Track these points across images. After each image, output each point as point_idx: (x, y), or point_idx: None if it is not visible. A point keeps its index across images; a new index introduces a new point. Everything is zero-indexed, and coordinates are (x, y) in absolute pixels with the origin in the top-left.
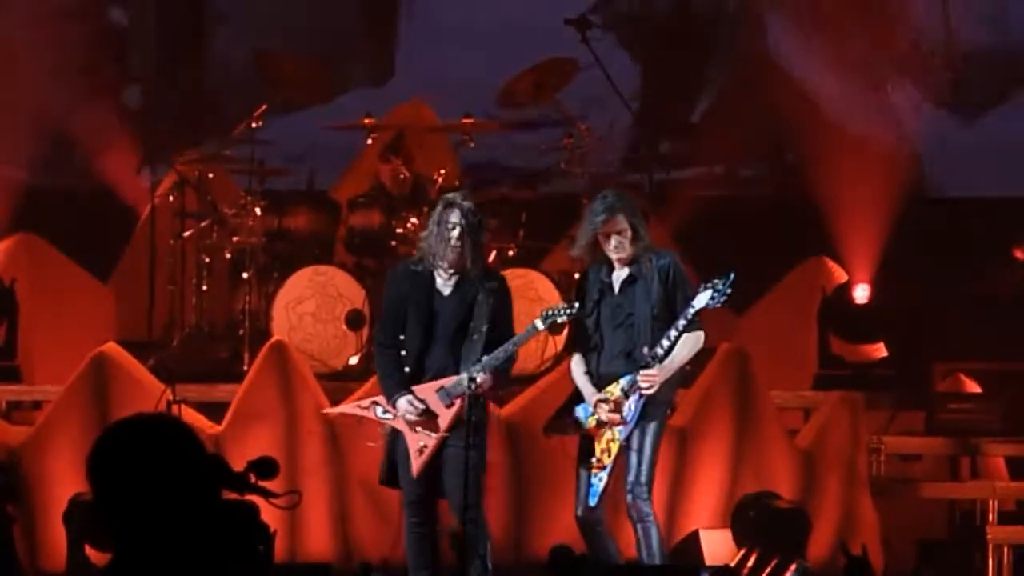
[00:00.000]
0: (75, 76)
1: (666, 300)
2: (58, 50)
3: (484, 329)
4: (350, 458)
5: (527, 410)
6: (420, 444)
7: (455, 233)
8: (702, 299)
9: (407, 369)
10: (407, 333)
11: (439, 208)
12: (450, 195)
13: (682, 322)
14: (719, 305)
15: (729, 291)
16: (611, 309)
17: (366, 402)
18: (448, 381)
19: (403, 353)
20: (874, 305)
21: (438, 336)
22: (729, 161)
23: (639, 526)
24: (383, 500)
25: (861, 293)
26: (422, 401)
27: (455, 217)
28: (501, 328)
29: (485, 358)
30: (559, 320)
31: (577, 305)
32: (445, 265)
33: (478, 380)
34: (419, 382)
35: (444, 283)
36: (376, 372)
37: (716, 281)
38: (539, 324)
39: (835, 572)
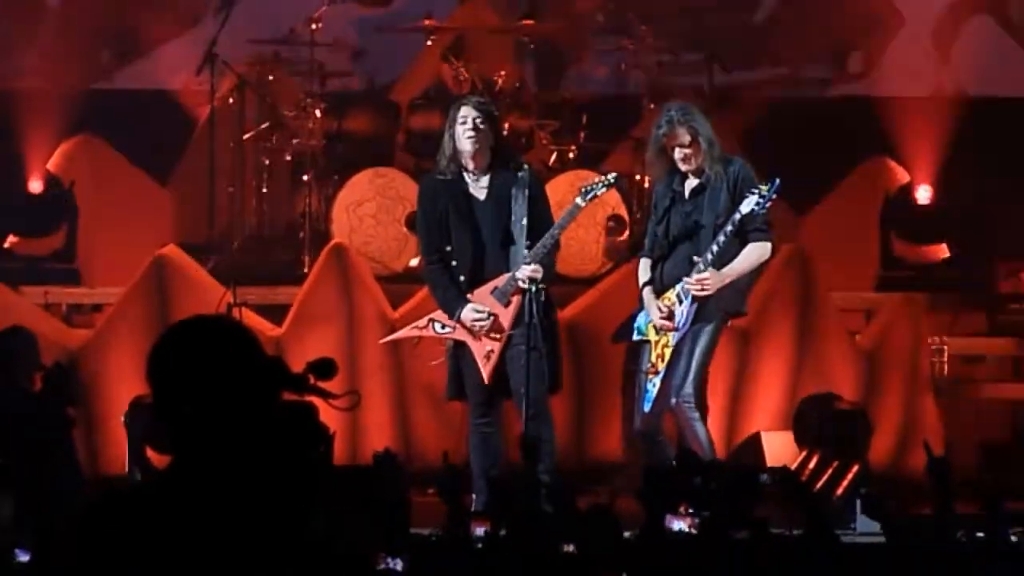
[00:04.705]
0: None
1: (733, 208)
2: None
3: (524, 222)
4: (411, 360)
5: (588, 312)
6: (487, 350)
7: (466, 127)
8: (747, 205)
9: (462, 279)
10: (454, 244)
11: (450, 111)
12: (462, 97)
13: (729, 228)
14: (764, 211)
15: (774, 196)
16: (680, 217)
17: (423, 321)
18: (500, 280)
19: (453, 263)
20: (936, 206)
21: (487, 241)
22: (792, 62)
23: (686, 431)
24: (444, 402)
25: (923, 194)
26: (482, 307)
27: (464, 112)
28: (540, 214)
29: (531, 251)
30: (599, 193)
31: (615, 175)
32: (468, 165)
33: (528, 272)
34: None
35: (476, 187)
36: (428, 287)
37: (761, 187)
38: (580, 201)
39: (896, 473)
